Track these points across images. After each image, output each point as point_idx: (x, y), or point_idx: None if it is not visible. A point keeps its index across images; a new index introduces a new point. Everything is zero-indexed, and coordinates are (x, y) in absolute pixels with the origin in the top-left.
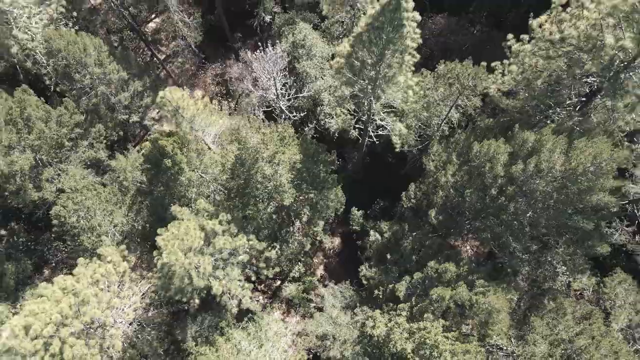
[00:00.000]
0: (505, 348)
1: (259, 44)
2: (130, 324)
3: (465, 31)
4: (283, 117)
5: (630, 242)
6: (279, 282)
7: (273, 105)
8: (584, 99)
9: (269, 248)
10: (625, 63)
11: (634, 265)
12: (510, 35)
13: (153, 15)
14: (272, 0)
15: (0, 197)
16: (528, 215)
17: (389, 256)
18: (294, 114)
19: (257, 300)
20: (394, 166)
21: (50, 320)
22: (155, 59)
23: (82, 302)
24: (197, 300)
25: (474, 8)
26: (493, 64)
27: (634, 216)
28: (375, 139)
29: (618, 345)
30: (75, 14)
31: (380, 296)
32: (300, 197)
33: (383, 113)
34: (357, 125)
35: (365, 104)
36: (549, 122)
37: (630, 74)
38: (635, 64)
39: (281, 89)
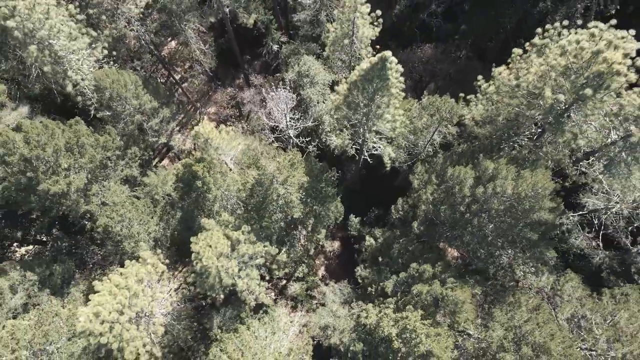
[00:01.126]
0: (471, 333)
1: (265, 73)
2: (165, 315)
3: (450, 59)
4: (291, 142)
5: (588, 247)
6: (284, 282)
7: (282, 132)
8: (540, 129)
9: (281, 252)
10: (566, 107)
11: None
12: (480, 77)
13: (169, 39)
14: (279, 31)
15: (49, 209)
16: (490, 227)
17: (380, 259)
18: (301, 139)
19: (270, 296)
20: (387, 178)
21: (113, 309)
22: (172, 79)
23: (133, 295)
24: (222, 295)
25: (459, 36)
26: (468, 97)
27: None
28: (369, 159)
29: (554, 330)
30: (114, 53)
31: (373, 292)
32: (306, 210)
33: (375, 138)
34: (354, 146)
35: (361, 131)
36: (515, 146)
37: (571, 115)
38: (573, 108)
39: (290, 120)
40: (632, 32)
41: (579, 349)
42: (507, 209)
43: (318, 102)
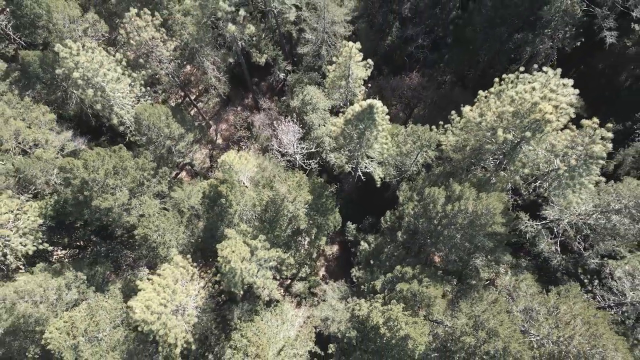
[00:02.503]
0: (443, 322)
1: (271, 93)
2: (195, 308)
3: (435, 85)
4: (297, 164)
5: (548, 251)
6: (289, 281)
7: (291, 156)
8: (501, 156)
9: (289, 257)
10: (518, 141)
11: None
12: (453, 112)
13: (185, 62)
14: (285, 61)
15: (95, 220)
16: (458, 237)
17: (372, 262)
18: (305, 162)
19: (280, 293)
20: (380, 190)
21: (159, 303)
22: (187, 99)
23: (173, 292)
24: (241, 292)
25: (444, 64)
26: (446, 126)
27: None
28: (362, 176)
29: (504, 318)
30: (148, 88)
31: (365, 290)
32: (310, 221)
33: (367, 161)
34: (350, 164)
35: (355, 155)
36: (485, 168)
37: (521, 148)
38: (523, 141)
39: (297, 146)
40: (571, 81)
41: (533, 336)
42: (469, 223)
43: (319, 126)
